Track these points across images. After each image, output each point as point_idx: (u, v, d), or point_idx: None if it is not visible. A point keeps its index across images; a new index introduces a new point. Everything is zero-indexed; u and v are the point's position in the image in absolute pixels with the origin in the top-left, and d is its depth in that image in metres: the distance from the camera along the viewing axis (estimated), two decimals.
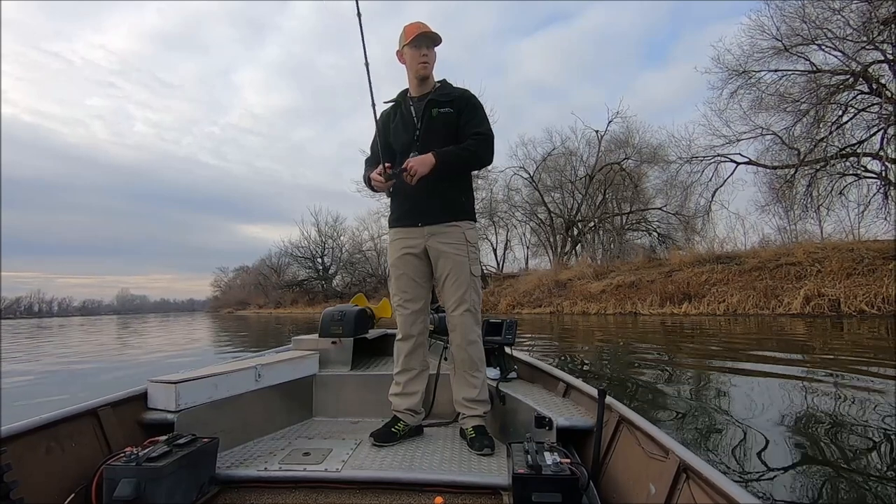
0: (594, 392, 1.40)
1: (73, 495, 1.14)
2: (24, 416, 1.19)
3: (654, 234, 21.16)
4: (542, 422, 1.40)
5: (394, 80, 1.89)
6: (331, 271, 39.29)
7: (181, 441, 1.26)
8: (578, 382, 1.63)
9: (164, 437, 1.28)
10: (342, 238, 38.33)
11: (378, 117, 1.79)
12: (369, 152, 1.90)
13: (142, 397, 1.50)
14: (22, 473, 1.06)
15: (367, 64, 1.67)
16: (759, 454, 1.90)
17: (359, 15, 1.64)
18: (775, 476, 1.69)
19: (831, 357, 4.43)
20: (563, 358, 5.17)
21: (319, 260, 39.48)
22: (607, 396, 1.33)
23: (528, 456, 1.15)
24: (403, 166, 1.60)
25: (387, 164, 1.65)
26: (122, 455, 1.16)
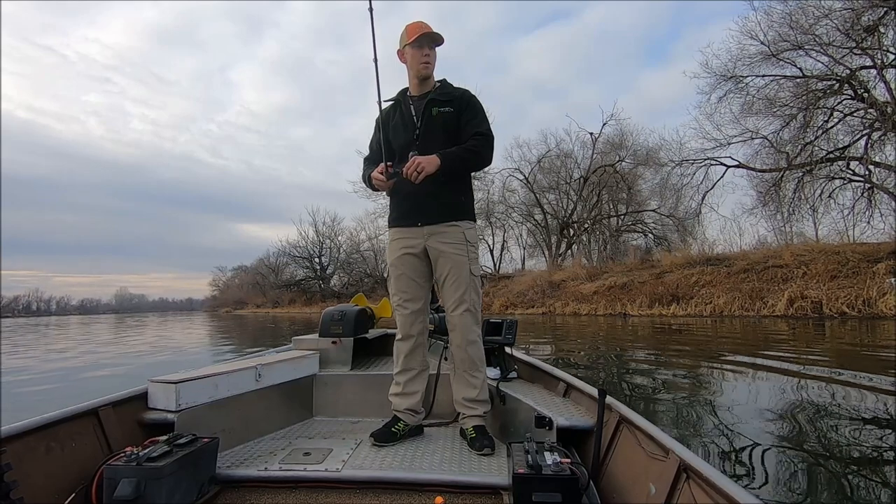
0: (594, 392, 1.41)
1: (73, 495, 1.13)
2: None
3: (650, 235, 21.40)
4: (543, 422, 1.41)
5: (392, 79, 1.88)
6: (328, 271, 39.20)
7: (181, 441, 1.25)
8: (579, 382, 1.65)
9: (164, 437, 1.27)
10: (339, 238, 38.34)
11: (378, 116, 1.80)
12: (366, 152, 1.91)
13: (142, 397, 1.49)
14: (22, 473, 1.05)
15: (375, 60, 1.68)
16: (759, 454, 1.92)
17: (371, 10, 1.64)
18: (776, 475, 1.71)
19: (820, 358, 4.52)
20: (560, 358, 5.21)
21: (317, 260, 39.43)
22: (607, 396, 1.35)
23: (529, 456, 1.15)
24: (409, 162, 1.58)
25: (388, 164, 1.65)
26: (123, 455, 1.15)
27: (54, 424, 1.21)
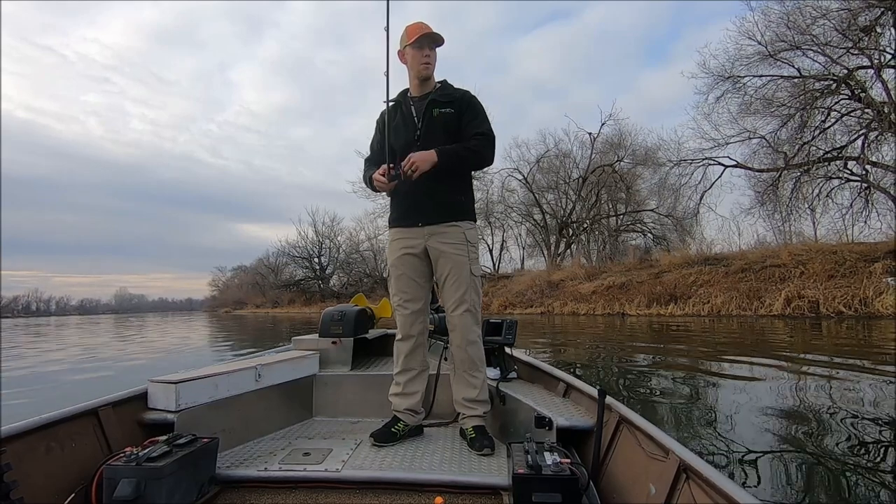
0: (594, 392, 1.41)
1: (73, 495, 1.13)
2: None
3: (649, 235, 21.43)
4: (542, 422, 1.41)
5: (393, 80, 1.88)
6: (328, 271, 39.24)
7: (181, 441, 1.25)
8: (578, 382, 1.65)
9: (164, 437, 1.27)
10: (339, 238, 38.39)
11: (378, 117, 1.82)
12: (366, 153, 1.92)
13: (142, 397, 1.49)
14: (22, 473, 1.05)
15: (387, 74, 1.69)
16: (758, 453, 1.93)
17: (387, 23, 1.66)
18: (775, 475, 1.72)
19: (818, 357, 4.54)
20: (560, 357, 5.22)
21: (316, 260, 39.47)
22: (607, 396, 1.35)
23: (528, 456, 1.16)
24: (406, 160, 1.60)
25: (390, 165, 1.66)
26: (122, 455, 1.15)
27: (54, 424, 1.21)
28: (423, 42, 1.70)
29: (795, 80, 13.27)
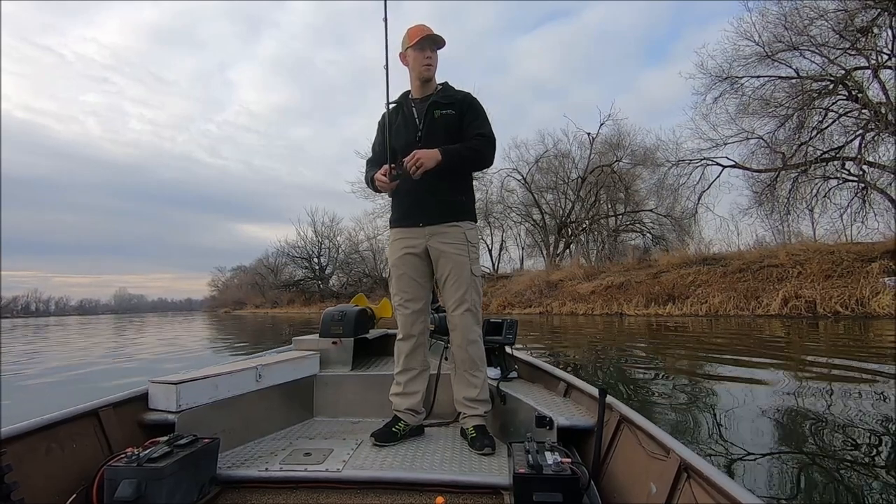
0: (595, 392, 1.42)
1: (73, 496, 1.13)
2: None
3: (648, 235, 21.46)
4: (543, 421, 1.41)
5: (394, 81, 1.89)
6: (327, 271, 39.24)
7: (182, 441, 1.25)
8: (579, 382, 1.65)
9: (164, 438, 1.27)
10: (338, 238, 38.43)
11: (380, 118, 1.83)
12: (363, 154, 1.94)
13: (143, 398, 1.49)
14: (22, 474, 1.05)
15: (386, 67, 1.70)
16: (759, 452, 1.94)
17: (385, 18, 1.67)
18: (776, 474, 1.73)
19: (818, 357, 4.56)
20: (560, 357, 5.22)
21: (316, 260, 39.50)
22: (608, 396, 1.35)
23: (529, 455, 1.16)
24: (410, 156, 1.60)
25: (392, 165, 1.66)
26: (123, 456, 1.15)
27: (55, 425, 1.21)
28: (425, 44, 1.71)
29: (793, 81, 13.32)
